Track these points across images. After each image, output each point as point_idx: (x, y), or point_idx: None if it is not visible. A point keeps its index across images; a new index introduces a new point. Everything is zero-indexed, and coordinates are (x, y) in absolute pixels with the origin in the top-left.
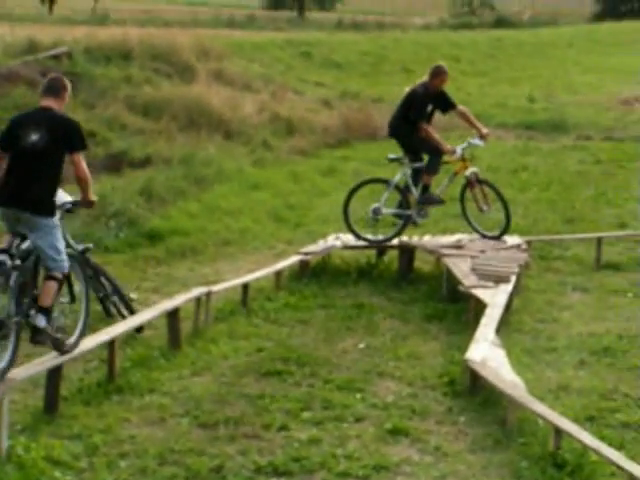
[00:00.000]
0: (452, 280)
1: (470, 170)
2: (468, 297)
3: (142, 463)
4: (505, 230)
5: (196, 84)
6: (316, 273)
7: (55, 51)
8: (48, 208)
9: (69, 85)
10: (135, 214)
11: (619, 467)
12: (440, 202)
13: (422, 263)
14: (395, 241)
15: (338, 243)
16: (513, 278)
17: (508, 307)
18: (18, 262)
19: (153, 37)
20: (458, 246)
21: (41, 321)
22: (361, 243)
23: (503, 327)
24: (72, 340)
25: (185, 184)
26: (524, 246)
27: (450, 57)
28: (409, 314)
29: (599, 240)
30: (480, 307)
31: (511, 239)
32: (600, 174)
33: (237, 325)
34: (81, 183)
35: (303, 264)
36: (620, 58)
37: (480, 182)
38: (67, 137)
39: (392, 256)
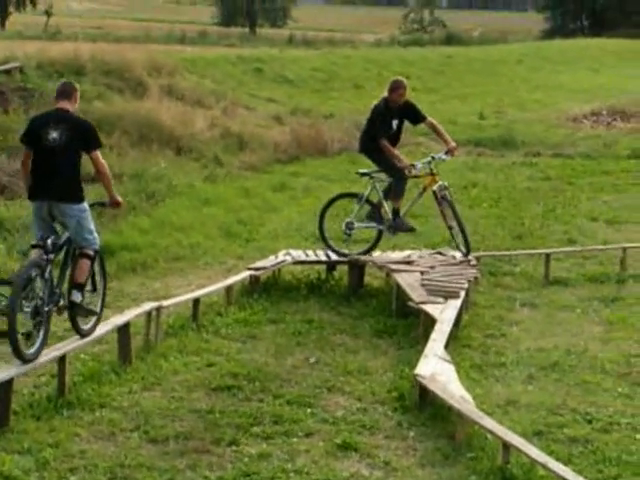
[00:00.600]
0: (402, 295)
1: (437, 185)
2: (418, 312)
3: (92, 478)
4: (468, 248)
5: (148, 100)
6: (266, 288)
7: (7, 66)
8: (76, 196)
9: (78, 88)
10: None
11: None
12: (411, 230)
13: (372, 278)
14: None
15: (288, 258)
16: (462, 294)
17: (457, 322)
18: (52, 256)
19: (105, 52)
20: (408, 262)
21: (77, 297)
22: (311, 258)
23: (452, 342)
24: (89, 326)
25: (136, 199)
26: (473, 262)
27: (400, 74)
28: (359, 329)
29: (547, 256)
30: (429, 322)
31: (458, 254)
32: (549, 190)
33: (187, 340)
34: (103, 178)
35: (253, 279)
36: (569, 75)
37: (443, 199)
38: (84, 137)
39: (342, 271)
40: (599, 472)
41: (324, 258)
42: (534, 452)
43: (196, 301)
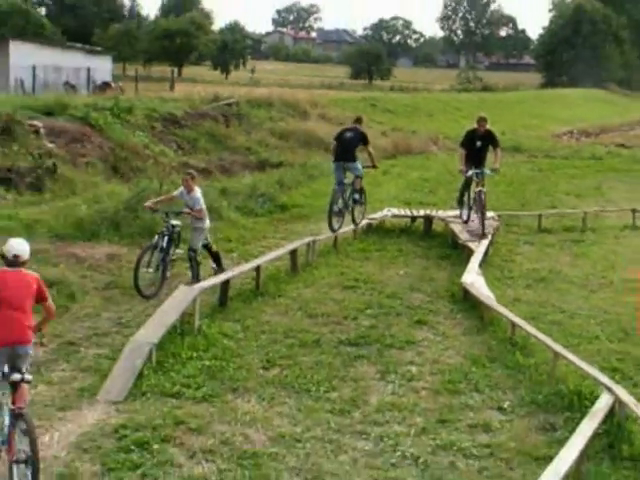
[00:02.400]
0: (454, 236)
1: (478, 189)
2: (463, 246)
3: (274, 336)
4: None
5: (309, 122)
6: (376, 230)
7: (228, 101)
8: (355, 159)
9: (364, 118)
10: (273, 195)
11: (548, 346)
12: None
13: (437, 226)
14: (421, 213)
15: (389, 213)
16: (489, 236)
17: (486, 253)
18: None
19: (285, 94)
20: (457, 217)
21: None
22: (402, 213)
23: (483, 264)
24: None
25: (302, 178)
26: (496, 218)
27: (455, 108)
28: (429, 254)
29: (540, 215)
30: (470, 252)
31: (489, 213)
32: (541, 177)
33: (330, 259)
34: (371, 156)
35: (369, 225)
36: (554, 110)
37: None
38: (364, 137)
39: (419, 222)
40: (567, 341)
41: (409, 214)
42: (530, 329)
43: (336, 237)
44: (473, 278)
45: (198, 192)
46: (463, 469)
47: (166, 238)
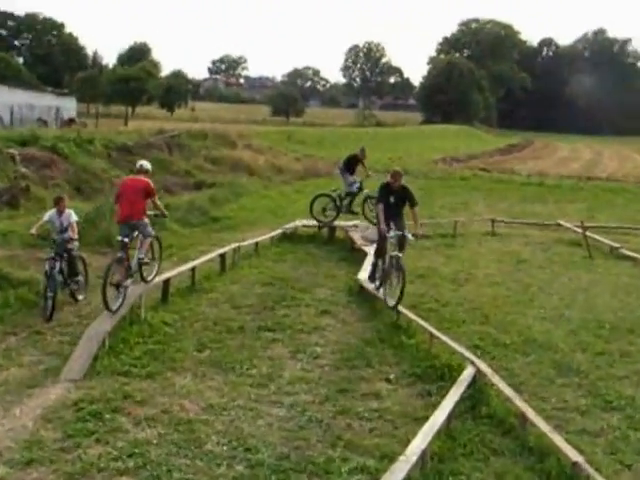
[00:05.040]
0: (352, 242)
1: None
2: (359, 250)
3: (206, 324)
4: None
5: (237, 150)
6: (289, 237)
7: (172, 133)
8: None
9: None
10: (207, 209)
11: (425, 328)
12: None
13: (339, 234)
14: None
15: (300, 224)
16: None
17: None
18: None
19: (218, 128)
20: (355, 226)
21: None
22: (310, 224)
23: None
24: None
25: (230, 196)
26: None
27: (355, 140)
28: (332, 257)
29: (421, 224)
30: (364, 255)
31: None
32: (421, 194)
33: (252, 261)
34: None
35: (284, 233)
36: (432, 141)
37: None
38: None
39: (325, 230)
40: (441, 325)
41: (316, 224)
42: (411, 315)
43: (257, 243)
44: (366, 275)
45: (71, 213)
46: (358, 429)
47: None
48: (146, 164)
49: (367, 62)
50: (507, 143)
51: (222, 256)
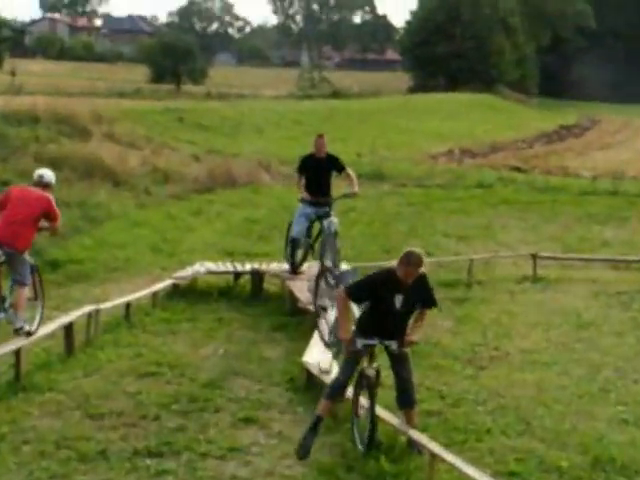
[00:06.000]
0: (294, 298)
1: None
2: (305, 311)
3: (41, 448)
4: None
5: (91, 142)
6: (185, 293)
7: None
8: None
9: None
10: (41, 247)
11: (422, 445)
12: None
13: (270, 285)
14: (248, 267)
15: (202, 269)
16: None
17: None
18: None
19: (58, 105)
20: (294, 272)
21: None
22: (221, 269)
23: (332, 336)
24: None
25: (81, 222)
26: (351, 271)
27: (294, 121)
28: (259, 325)
29: None
30: (314, 319)
31: (343, 266)
32: (412, 214)
33: (121, 336)
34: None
35: (175, 286)
36: (429, 123)
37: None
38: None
39: (246, 279)
40: (449, 439)
41: (231, 269)
42: (395, 421)
43: (128, 304)
44: (319, 356)
45: None
46: None
47: None
48: (49, 175)
49: None
50: (556, 123)
51: (68, 328)
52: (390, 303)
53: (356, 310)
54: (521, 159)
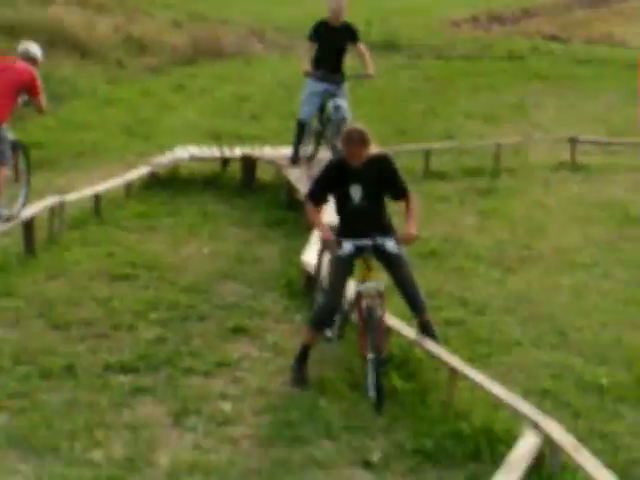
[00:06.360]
0: (291, 189)
1: None
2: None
3: None
4: None
5: (54, 6)
6: (165, 183)
7: None
8: None
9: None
10: None
11: (441, 360)
12: None
13: (264, 173)
14: (238, 152)
15: (185, 155)
16: None
17: None
18: None
19: None
20: (294, 160)
21: None
22: (206, 154)
23: None
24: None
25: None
26: None
27: None
28: (251, 221)
29: (427, 151)
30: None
31: None
32: (430, 90)
33: (89, 232)
34: None
35: (152, 175)
36: None
37: None
38: None
39: (235, 167)
40: (472, 351)
41: (218, 154)
42: (411, 333)
43: (97, 196)
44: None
45: None
46: None
47: None
48: (35, 49)
49: None
50: None
51: (27, 225)
52: (347, 196)
53: None
54: (559, 25)
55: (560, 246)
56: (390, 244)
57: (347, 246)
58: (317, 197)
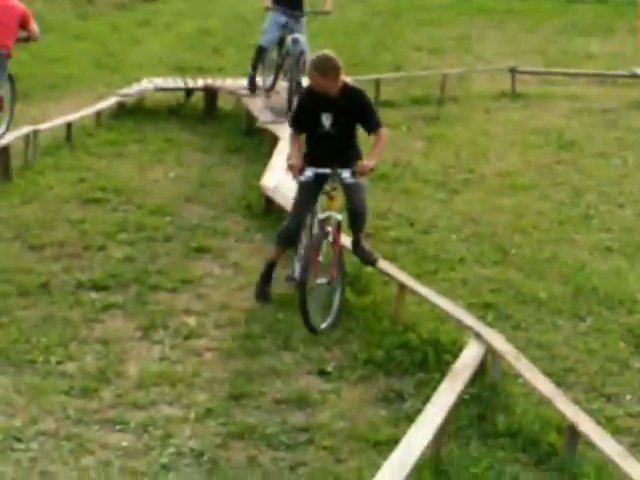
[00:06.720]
0: (250, 117)
1: None
2: (264, 131)
3: None
4: None
5: None
6: (132, 112)
7: None
8: None
9: None
10: None
11: (390, 276)
12: None
13: (225, 103)
14: (200, 83)
15: (150, 85)
16: None
17: None
18: None
19: None
20: (251, 89)
21: None
22: (171, 85)
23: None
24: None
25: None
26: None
27: None
28: (213, 147)
29: (377, 81)
30: (274, 140)
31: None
32: (379, 25)
33: (62, 159)
34: None
35: (120, 104)
36: None
37: None
38: None
39: (198, 97)
40: (419, 268)
41: (182, 85)
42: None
43: (69, 124)
44: (278, 179)
45: None
46: (268, 466)
47: None
48: None
49: None
50: None
51: (3, 152)
52: (319, 123)
53: None
54: None
55: (501, 169)
56: (345, 174)
57: (307, 173)
58: (296, 124)
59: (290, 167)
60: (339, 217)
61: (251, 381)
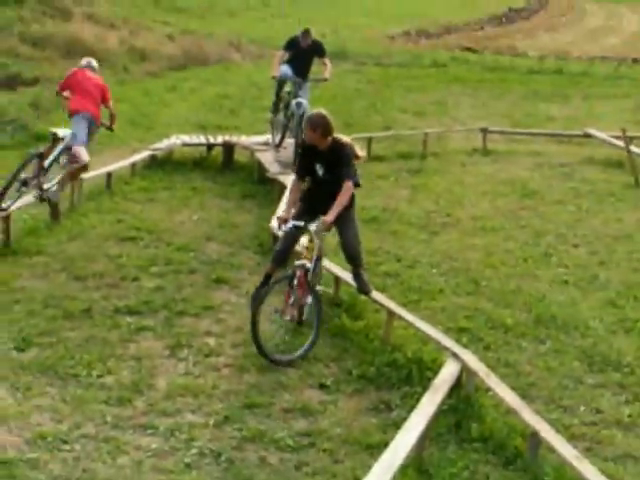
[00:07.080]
0: (262, 169)
1: None
2: (273, 181)
3: (30, 307)
4: None
5: (72, 23)
6: (162, 164)
7: None
8: None
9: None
10: (26, 121)
11: (380, 304)
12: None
13: (240, 156)
14: (219, 140)
15: (178, 141)
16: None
17: None
18: None
19: None
20: (266, 143)
21: None
22: (195, 141)
23: None
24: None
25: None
26: None
27: (262, 3)
28: (230, 194)
29: (369, 139)
30: (282, 188)
31: None
32: (371, 91)
33: (102, 203)
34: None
35: (152, 157)
36: (388, 4)
37: None
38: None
39: (218, 151)
40: (405, 297)
41: (204, 141)
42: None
43: (109, 174)
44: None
45: None
46: (277, 465)
47: None
48: (94, 61)
49: None
50: (506, 5)
51: None
52: (314, 172)
53: None
54: (473, 40)
55: (474, 214)
56: (313, 227)
57: (288, 225)
58: (298, 173)
59: (278, 219)
60: (309, 266)
61: (262, 393)
